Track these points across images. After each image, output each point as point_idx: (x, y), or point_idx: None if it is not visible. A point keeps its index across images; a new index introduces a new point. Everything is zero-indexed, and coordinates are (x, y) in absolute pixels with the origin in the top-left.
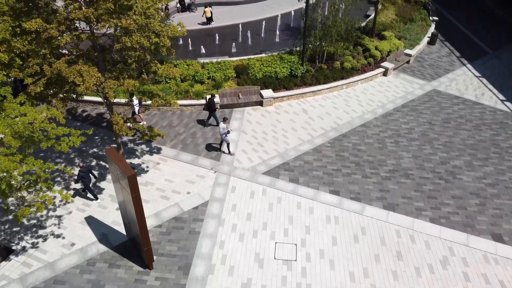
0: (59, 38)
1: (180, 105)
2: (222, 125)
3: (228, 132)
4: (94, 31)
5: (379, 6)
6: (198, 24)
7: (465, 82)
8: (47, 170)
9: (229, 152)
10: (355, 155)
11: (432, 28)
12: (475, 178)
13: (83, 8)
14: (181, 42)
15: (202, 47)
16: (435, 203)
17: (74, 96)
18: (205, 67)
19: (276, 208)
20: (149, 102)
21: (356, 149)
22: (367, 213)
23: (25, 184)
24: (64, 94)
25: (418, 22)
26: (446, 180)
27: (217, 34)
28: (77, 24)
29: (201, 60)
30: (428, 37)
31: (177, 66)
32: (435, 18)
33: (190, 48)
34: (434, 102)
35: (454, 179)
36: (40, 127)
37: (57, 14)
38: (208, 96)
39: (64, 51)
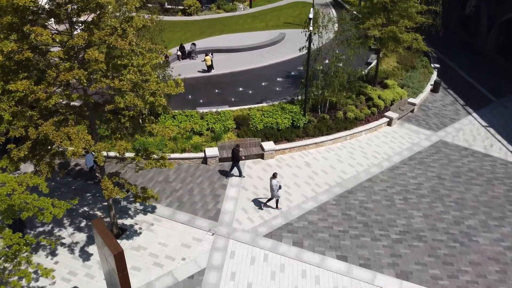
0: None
1: (178, 159)
2: (274, 182)
3: (280, 187)
4: (86, 89)
5: (381, 55)
6: (198, 71)
7: (472, 132)
8: (27, 242)
9: (277, 207)
10: (363, 214)
11: (434, 76)
12: (492, 240)
13: (75, 68)
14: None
15: (201, 96)
16: (451, 270)
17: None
18: (204, 118)
19: (279, 277)
20: (142, 163)
21: (363, 207)
22: (379, 282)
23: (1, 258)
24: (51, 158)
25: (420, 70)
26: (461, 243)
27: (217, 82)
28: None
29: (200, 110)
30: (431, 84)
31: (175, 117)
32: (437, 65)
33: (190, 97)
34: (442, 154)
35: (470, 241)
36: (20, 199)
37: (46, 75)
38: (226, 143)
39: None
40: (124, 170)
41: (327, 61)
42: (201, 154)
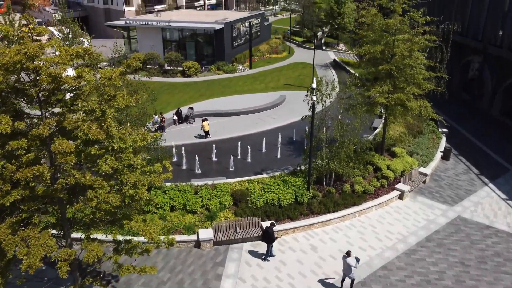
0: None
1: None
2: (350, 261)
3: (358, 260)
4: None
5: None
6: (195, 137)
7: (492, 207)
8: None
9: None
10: None
11: (443, 141)
12: None
13: (39, 163)
14: (175, 159)
15: (197, 164)
16: None
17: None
18: (199, 193)
19: None
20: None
21: None
22: None
23: None
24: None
25: (428, 135)
26: None
27: (214, 149)
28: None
29: (195, 183)
30: (441, 151)
31: (166, 192)
32: (445, 130)
33: (184, 166)
34: (462, 234)
35: None
36: None
37: (3, 170)
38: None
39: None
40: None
41: (330, 122)
42: (194, 237)
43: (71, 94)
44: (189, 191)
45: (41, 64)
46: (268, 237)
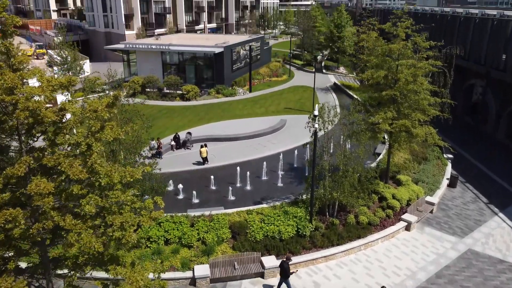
0: None
1: (162, 279)
2: None
3: None
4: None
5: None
6: (193, 164)
7: (504, 238)
8: None
9: None
10: None
11: (449, 168)
12: None
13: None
14: (171, 187)
15: (194, 193)
16: None
17: None
18: (195, 226)
19: None
20: None
21: None
22: None
23: None
24: None
25: (433, 161)
26: None
27: (212, 176)
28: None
29: (192, 213)
30: (447, 178)
31: (161, 224)
32: (450, 155)
33: (181, 195)
34: (475, 269)
35: None
36: None
37: None
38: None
39: None
40: None
41: (332, 148)
42: (189, 273)
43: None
44: (185, 223)
45: (19, 96)
46: (283, 271)
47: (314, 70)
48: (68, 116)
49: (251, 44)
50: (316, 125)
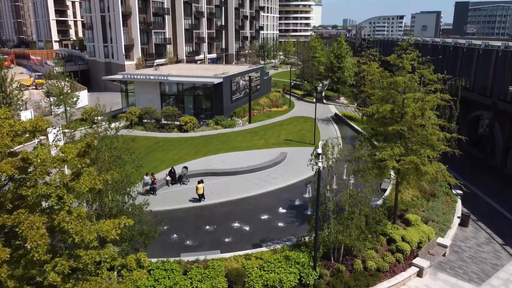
0: None
1: None
2: None
3: None
4: None
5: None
6: (189, 200)
7: None
8: None
9: None
10: None
11: (459, 205)
12: None
13: None
14: (164, 227)
15: (189, 234)
16: None
17: None
18: (188, 274)
19: None
20: None
21: None
22: None
23: None
24: None
25: (442, 198)
26: None
27: (209, 215)
28: None
29: (185, 258)
30: (458, 217)
31: (150, 272)
32: (459, 191)
33: (174, 235)
34: None
35: None
36: None
37: None
38: None
39: None
40: None
41: (335, 184)
42: None
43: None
44: (177, 270)
45: None
46: None
47: (315, 100)
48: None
49: (250, 74)
50: (320, 164)
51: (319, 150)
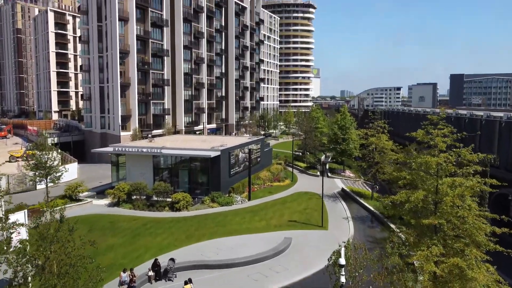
0: None
1: None
2: None
3: None
4: None
5: None
6: None
7: None
8: None
9: None
10: None
11: None
12: None
13: None
14: None
15: None
16: None
17: None
18: None
19: None
20: None
21: None
22: None
23: None
24: None
25: None
26: None
27: None
28: None
29: None
30: None
31: None
32: None
33: None
34: None
35: None
36: None
37: None
38: None
39: None
40: None
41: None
42: None
43: None
44: None
45: None
46: None
47: (321, 175)
48: None
49: (250, 146)
50: (343, 279)
51: (342, 261)
